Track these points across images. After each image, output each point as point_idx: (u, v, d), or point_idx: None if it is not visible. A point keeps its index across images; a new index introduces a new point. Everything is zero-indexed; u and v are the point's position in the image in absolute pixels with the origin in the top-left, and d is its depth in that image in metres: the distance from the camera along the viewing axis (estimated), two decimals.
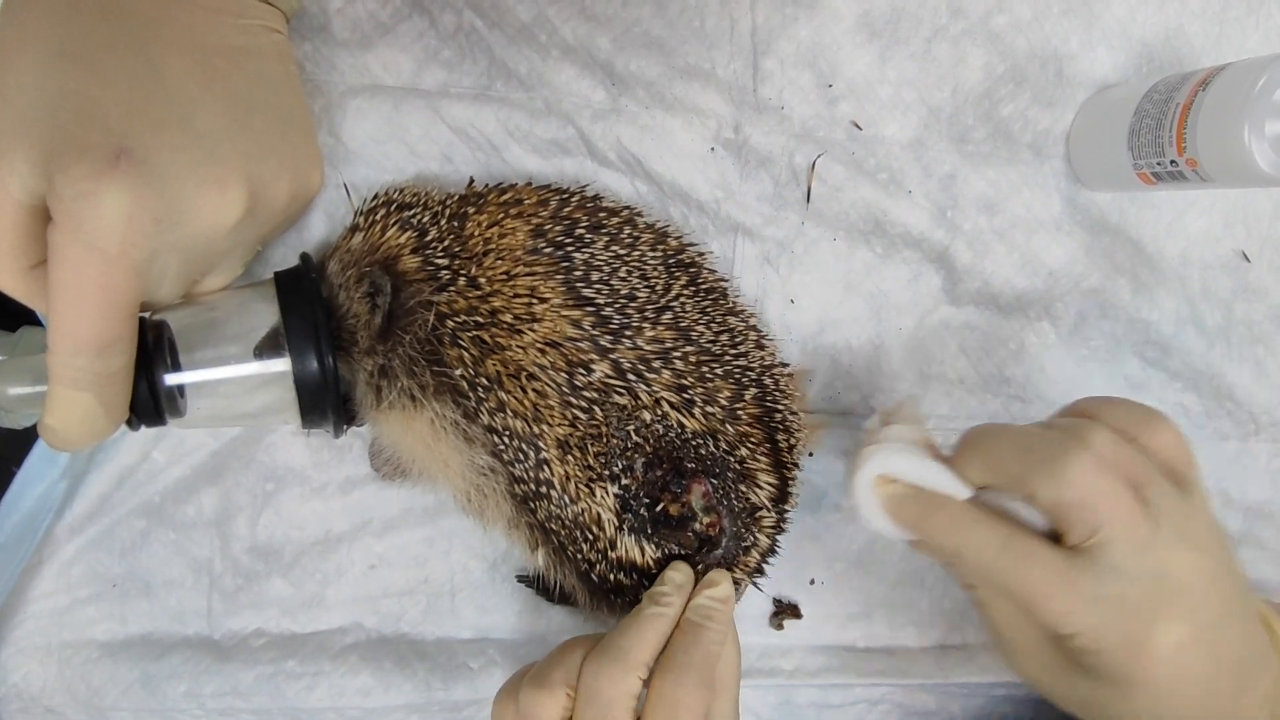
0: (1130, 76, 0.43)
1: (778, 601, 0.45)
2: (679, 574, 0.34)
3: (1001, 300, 0.45)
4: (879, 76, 0.42)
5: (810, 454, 0.44)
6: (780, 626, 0.44)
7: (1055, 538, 0.30)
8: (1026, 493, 0.29)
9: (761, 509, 0.36)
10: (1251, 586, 0.32)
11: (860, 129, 0.42)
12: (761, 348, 0.37)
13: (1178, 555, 0.29)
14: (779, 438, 0.36)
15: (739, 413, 0.35)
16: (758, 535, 0.36)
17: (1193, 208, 0.45)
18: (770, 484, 0.36)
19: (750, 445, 0.35)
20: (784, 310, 0.43)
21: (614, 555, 0.34)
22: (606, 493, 0.33)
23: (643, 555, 0.34)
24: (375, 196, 0.35)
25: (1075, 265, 0.45)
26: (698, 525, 0.34)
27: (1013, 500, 0.30)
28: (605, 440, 0.33)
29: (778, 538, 0.38)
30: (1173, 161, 0.37)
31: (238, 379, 0.33)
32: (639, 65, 0.39)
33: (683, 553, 0.35)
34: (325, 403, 0.33)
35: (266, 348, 0.33)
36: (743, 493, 0.35)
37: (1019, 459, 0.30)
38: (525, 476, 0.33)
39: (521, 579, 0.42)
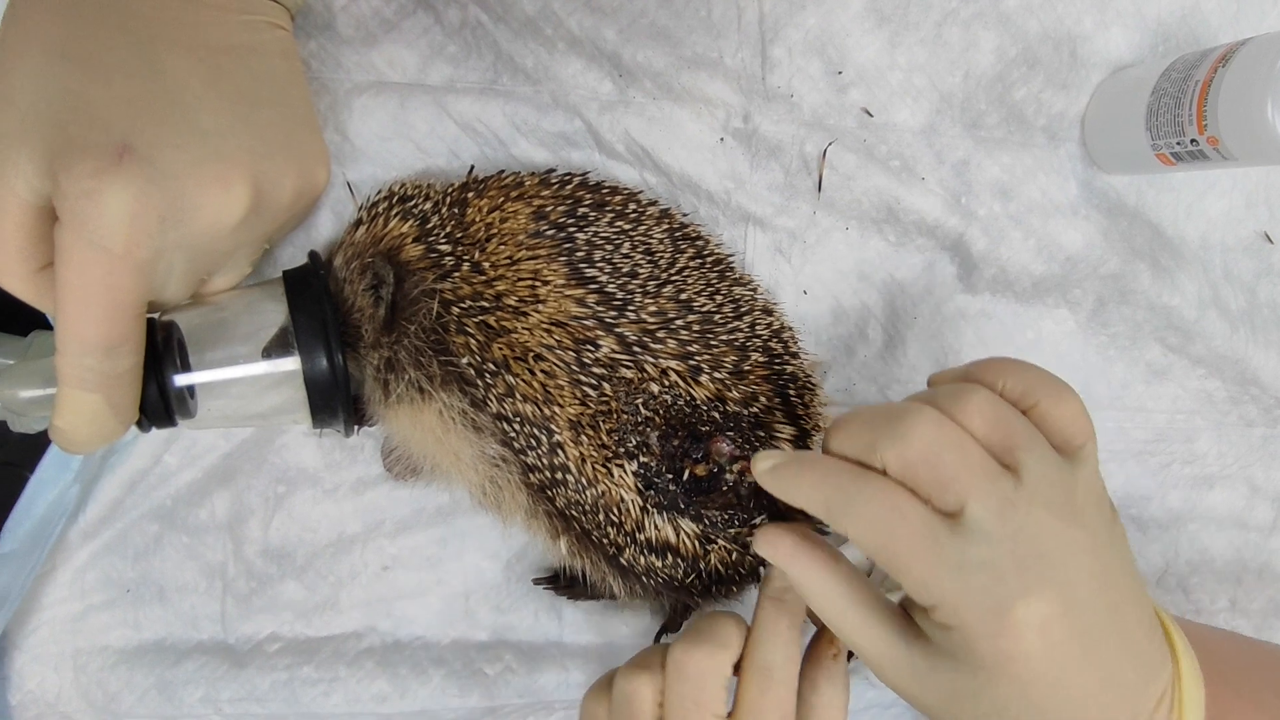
0: (1146, 56, 0.43)
1: None
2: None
3: (1018, 287, 0.44)
4: (889, 62, 0.41)
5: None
6: None
7: None
8: (878, 460, 0.28)
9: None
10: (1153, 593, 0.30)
11: (871, 116, 0.41)
12: (769, 313, 0.37)
13: (1049, 522, 0.27)
14: (790, 393, 0.36)
15: (747, 373, 0.35)
16: None
17: (1213, 189, 0.44)
18: (789, 433, 0.35)
19: (763, 401, 0.35)
20: (797, 301, 0.42)
21: (643, 537, 0.33)
22: (625, 471, 0.33)
23: (677, 535, 0.33)
24: (378, 192, 0.34)
25: (1093, 250, 0.44)
26: (729, 477, 0.33)
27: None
28: (616, 416, 0.32)
29: None
30: (1193, 140, 0.36)
31: (248, 379, 0.32)
32: (646, 56, 0.39)
33: (729, 514, 0.34)
34: (335, 401, 0.33)
35: (276, 347, 0.32)
36: (762, 437, 0.34)
37: (870, 426, 0.28)
38: (539, 464, 0.33)
39: (539, 582, 0.42)
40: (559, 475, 0.33)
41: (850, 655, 0.33)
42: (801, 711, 0.32)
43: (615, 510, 0.33)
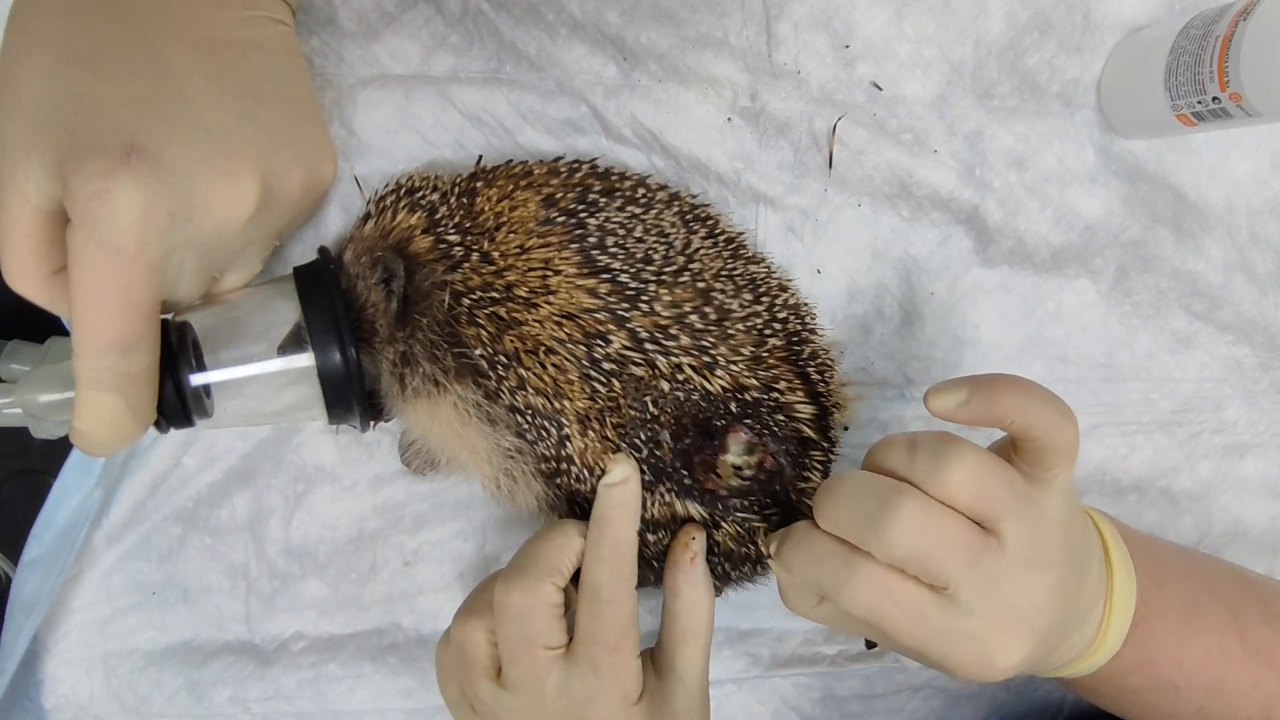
0: (1161, 16, 0.42)
1: None
2: (617, 473, 0.33)
3: (1037, 258, 0.43)
4: (897, 34, 0.40)
5: (846, 428, 0.42)
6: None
7: None
8: (865, 548, 0.29)
9: (812, 446, 0.35)
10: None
11: (880, 89, 0.41)
12: (785, 289, 0.36)
13: (1026, 581, 0.29)
14: (810, 371, 0.35)
15: (764, 358, 0.34)
16: (809, 462, 0.35)
17: (1236, 150, 0.43)
18: (809, 412, 0.35)
19: (783, 384, 0.34)
20: (811, 281, 0.42)
21: (644, 516, 0.33)
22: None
23: (686, 511, 0.33)
24: (386, 185, 0.34)
25: (1113, 218, 0.43)
26: (747, 471, 0.33)
27: None
28: (622, 412, 0.32)
29: (830, 469, 0.37)
30: (1215, 98, 0.35)
31: (263, 377, 0.32)
32: (650, 38, 0.38)
33: (748, 501, 0.34)
34: (351, 396, 0.33)
35: (289, 344, 0.32)
36: (782, 421, 0.34)
37: (852, 522, 0.30)
38: (549, 454, 0.33)
39: None
40: (563, 465, 0.33)
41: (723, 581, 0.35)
42: (666, 618, 0.33)
43: None
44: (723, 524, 0.34)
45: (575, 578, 0.33)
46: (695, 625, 0.33)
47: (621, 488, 0.32)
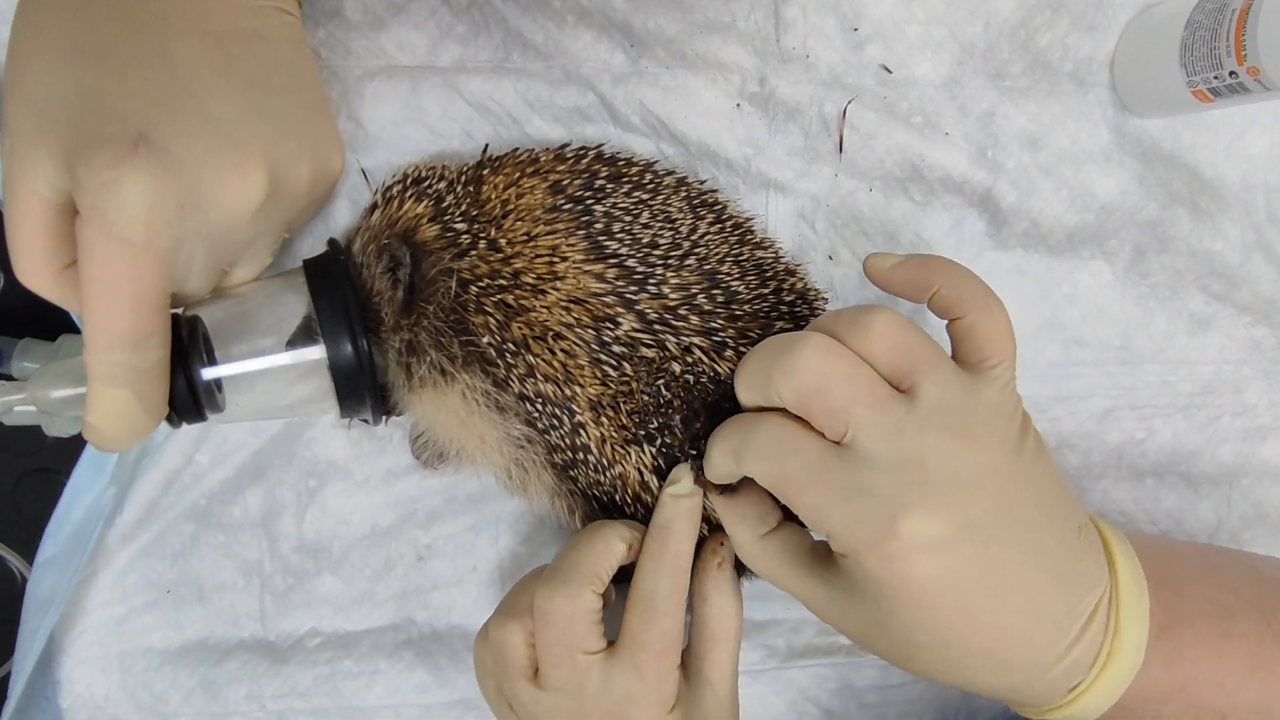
0: None
1: None
2: (678, 487, 0.32)
3: (1051, 240, 0.43)
4: (906, 15, 0.40)
5: None
6: None
7: None
8: (774, 394, 0.28)
9: None
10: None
11: (890, 72, 0.40)
12: (792, 274, 0.36)
13: (937, 442, 0.26)
14: None
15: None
16: None
17: (1253, 127, 0.43)
18: None
19: None
20: (823, 267, 0.41)
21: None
22: (644, 452, 0.32)
23: (704, 510, 0.33)
24: (393, 175, 0.34)
25: (1129, 197, 0.42)
26: None
27: None
28: (637, 398, 0.32)
29: None
30: (1232, 73, 0.35)
31: (274, 370, 0.32)
32: (657, 23, 0.38)
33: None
34: (362, 388, 0.33)
35: (300, 336, 0.32)
36: None
37: (762, 362, 0.28)
38: (562, 444, 0.32)
39: None
40: (580, 455, 0.32)
41: (742, 570, 0.34)
42: (695, 624, 0.33)
43: (634, 490, 0.33)
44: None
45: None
46: (724, 631, 0.32)
47: (689, 500, 0.32)
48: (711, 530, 0.34)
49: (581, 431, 0.32)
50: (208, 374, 0.31)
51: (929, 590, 0.26)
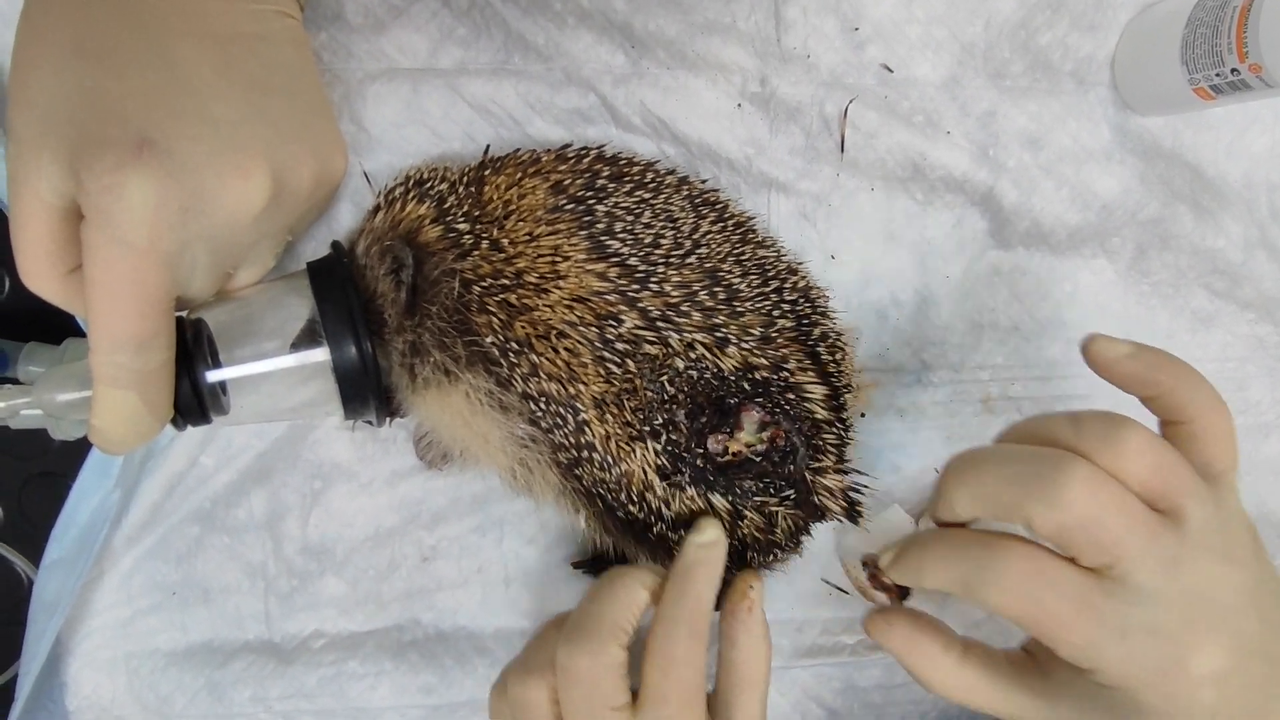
0: None
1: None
2: (706, 535, 0.31)
3: (1053, 239, 0.43)
4: (906, 15, 0.40)
5: (863, 415, 0.42)
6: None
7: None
8: (1023, 521, 0.26)
9: (825, 429, 0.35)
10: None
11: (891, 72, 0.40)
12: (794, 272, 0.36)
13: (1213, 570, 0.26)
14: (820, 352, 0.35)
15: (774, 337, 0.34)
16: (823, 444, 0.35)
17: (1255, 125, 0.43)
18: (820, 393, 0.34)
19: (793, 364, 0.34)
20: (825, 267, 0.41)
21: (670, 513, 0.33)
22: (648, 449, 0.32)
23: (711, 506, 0.33)
24: (395, 178, 0.34)
25: (1130, 196, 0.42)
26: (761, 446, 0.33)
27: (1012, 529, 0.27)
28: (640, 394, 0.32)
29: (845, 451, 0.36)
30: (1234, 70, 0.35)
31: (279, 373, 0.32)
32: (658, 24, 0.38)
33: (764, 483, 0.33)
34: (366, 390, 0.33)
35: (304, 339, 0.32)
36: (793, 401, 0.34)
37: (1008, 485, 0.26)
38: (566, 442, 0.32)
39: (578, 565, 0.41)
40: (584, 454, 0.32)
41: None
42: (722, 669, 0.32)
43: (636, 488, 0.33)
44: (745, 513, 0.34)
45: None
46: (753, 675, 0.31)
47: (711, 549, 0.31)
48: (736, 566, 0.33)
49: (586, 429, 0.32)
50: (212, 376, 0.31)
51: (1201, 715, 0.26)
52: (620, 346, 0.32)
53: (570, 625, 0.30)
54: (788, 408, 0.33)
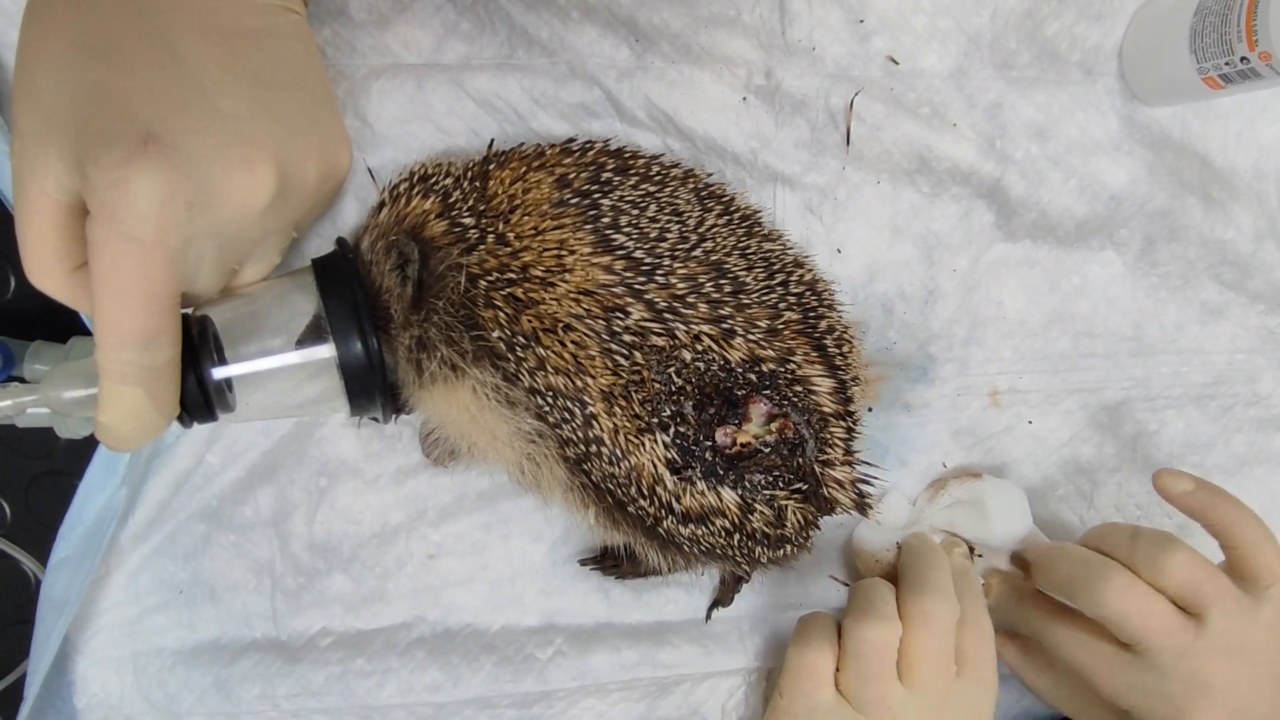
0: None
1: None
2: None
3: (1060, 231, 0.42)
4: (912, 6, 0.40)
5: (870, 409, 0.42)
6: None
7: None
8: (1077, 603, 0.36)
9: (833, 421, 0.35)
10: None
11: (897, 63, 0.40)
12: (800, 265, 0.36)
13: (1219, 663, 0.35)
14: (827, 345, 0.35)
15: (781, 330, 0.34)
16: (831, 437, 0.35)
17: (1264, 114, 0.42)
18: (827, 385, 0.34)
19: (799, 356, 0.34)
20: (831, 260, 0.41)
21: (680, 507, 0.33)
22: (657, 442, 0.32)
23: (720, 500, 0.33)
24: (399, 174, 0.34)
25: (1139, 187, 0.42)
26: (770, 437, 0.33)
27: None
28: (649, 386, 0.32)
29: (852, 444, 0.36)
30: (1243, 59, 0.35)
31: (284, 369, 0.32)
32: (662, 18, 0.38)
33: (773, 476, 0.33)
34: (372, 386, 0.32)
35: (310, 336, 0.32)
36: (800, 393, 0.34)
37: (1069, 581, 0.37)
38: (574, 437, 0.32)
39: (585, 562, 0.41)
40: (593, 448, 0.32)
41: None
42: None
43: (645, 481, 0.33)
44: (755, 507, 0.34)
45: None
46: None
47: (925, 544, 0.40)
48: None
49: (594, 423, 0.32)
50: (218, 373, 0.31)
51: None
52: (627, 339, 0.32)
53: (856, 608, 0.36)
54: (795, 400, 0.33)
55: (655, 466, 0.32)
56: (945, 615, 0.35)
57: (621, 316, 0.32)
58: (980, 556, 0.43)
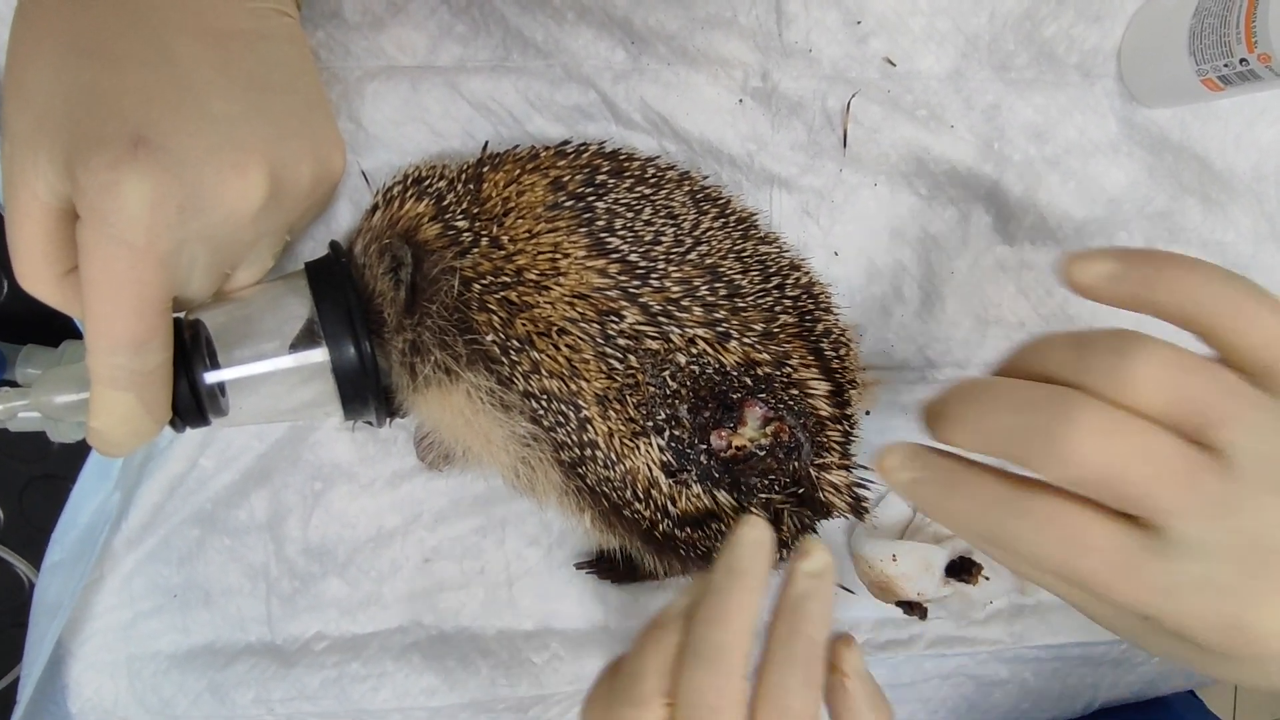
0: None
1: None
2: (753, 531, 0.26)
3: (1060, 234, 0.42)
4: (910, 8, 0.39)
5: (867, 412, 0.42)
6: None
7: None
8: (1035, 469, 0.22)
9: (830, 425, 0.34)
10: None
11: (894, 65, 0.40)
12: (797, 268, 0.36)
13: (1271, 506, 0.21)
14: (824, 348, 0.35)
15: (777, 333, 0.34)
16: (828, 440, 0.34)
17: (1263, 116, 0.42)
18: (824, 389, 0.34)
19: (796, 360, 0.34)
20: (828, 263, 0.41)
21: (676, 510, 0.32)
22: (652, 445, 0.32)
23: (716, 504, 0.33)
24: (393, 176, 0.34)
25: (1138, 189, 0.42)
26: (765, 441, 0.33)
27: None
28: (643, 390, 0.31)
29: (850, 448, 0.36)
30: (1242, 60, 0.34)
31: (277, 373, 0.32)
32: (658, 20, 0.38)
33: (769, 480, 0.33)
34: (366, 390, 0.32)
35: (303, 340, 0.32)
36: (796, 396, 0.33)
37: (1011, 435, 0.22)
38: (569, 441, 0.32)
39: (581, 566, 0.41)
40: (588, 452, 0.32)
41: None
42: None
43: (640, 484, 0.32)
44: (752, 511, 0.33)
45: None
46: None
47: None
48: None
49: (589, 427, 0.32)
50: (211, 378, 0.31)
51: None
52: (622, 342, 0.31)
53: (694, 655, 0.26)
54: (791, 403, 0.33)
55: (650, 470, 0.32)
56: (708, 699, 0.25)
57: (616, 320, 0.31)
58: (989, 580, 0.42)
